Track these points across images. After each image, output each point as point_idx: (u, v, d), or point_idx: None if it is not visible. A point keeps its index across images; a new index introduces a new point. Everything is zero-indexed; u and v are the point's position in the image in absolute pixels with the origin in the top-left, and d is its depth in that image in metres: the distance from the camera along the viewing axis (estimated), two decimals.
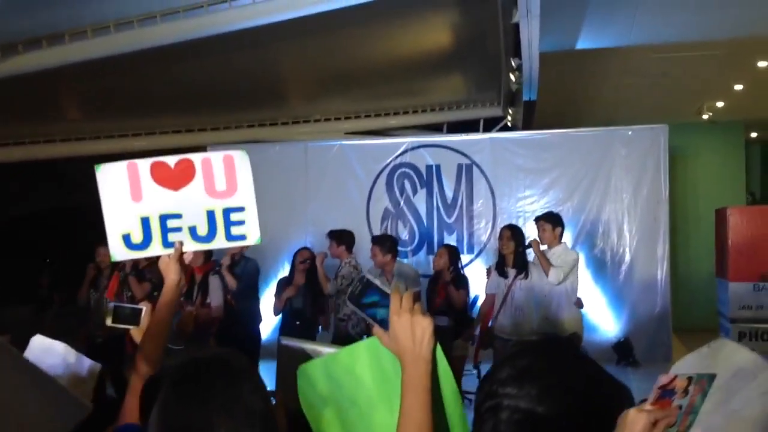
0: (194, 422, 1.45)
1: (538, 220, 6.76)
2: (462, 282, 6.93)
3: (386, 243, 7.34)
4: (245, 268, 7.42)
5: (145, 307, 2.49)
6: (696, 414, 1.68)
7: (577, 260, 6.53)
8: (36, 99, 9.48)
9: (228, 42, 7.50)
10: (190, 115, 11.28)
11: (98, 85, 9.39)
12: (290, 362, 2.66)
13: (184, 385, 1.51)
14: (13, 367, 1.72)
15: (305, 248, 7.62)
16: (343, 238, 7.35)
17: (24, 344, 2.65)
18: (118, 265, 7.48)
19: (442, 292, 6.79)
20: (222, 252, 7.52)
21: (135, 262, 7.29)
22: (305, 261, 7.33)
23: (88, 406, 1.88)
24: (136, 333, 2.48)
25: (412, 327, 1.50)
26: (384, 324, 1.58)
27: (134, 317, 2.49)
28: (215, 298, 6.90)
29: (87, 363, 2.75)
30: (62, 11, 6.87)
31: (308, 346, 2.61)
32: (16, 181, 12.87)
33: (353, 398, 1.73)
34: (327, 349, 2.62)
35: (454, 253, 7.13)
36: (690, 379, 1.68)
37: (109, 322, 2.49)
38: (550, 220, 6.63)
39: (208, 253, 7.08)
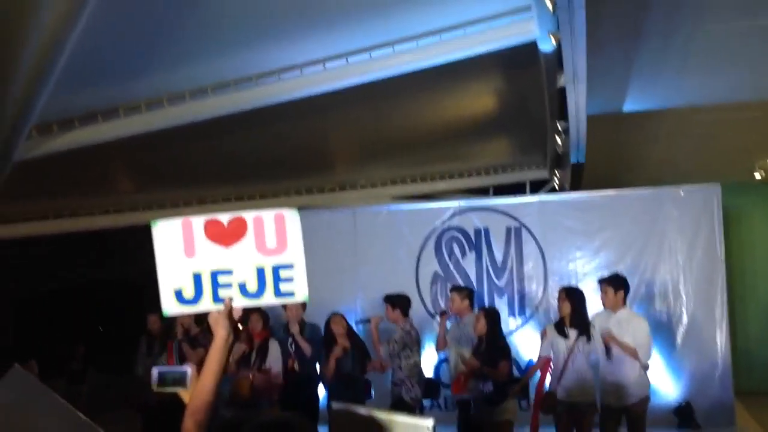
0: None
1: (601, 282, 6.61)
2: (503, 353, 6.75)
3: (463, 291, 7.40)
4: (311, 334, 7.45)
5: (190, 369, 2.49)
6: None
7: (649, 327, 6.38)
8: (90, 171, 9.74)
9: (276, 112, 7.65)
10: (240, 185, 11.47)
11: (151, 157, 9.63)
12: (342, 427, 2.63)
13: None
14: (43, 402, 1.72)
15: (338, 314, 7.57)
16: (398, 302, 7.35)
17: None
18: (170, 334, 7.58)
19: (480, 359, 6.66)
20: (278, 317, 7.59)
21: (186, 330, 7.38)
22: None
23: None
24: (186, 395, 2.47)
25: None
26: None
27: (181, 380, 2.48)
28: (275, 364, 6.91)
29: None
30: (116, 87, 7.11)
31: (361, 410, 2.59)
32: (62, 252, 13.13)
33: None
34: (381, 414, 2.59)
35: (492, 316, 6.91)
36: None
37: (154, 387, 2.49)
38: (612, 283, 6.48)
39: (266, 319, 7.15)
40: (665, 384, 8.95)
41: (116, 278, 14.40)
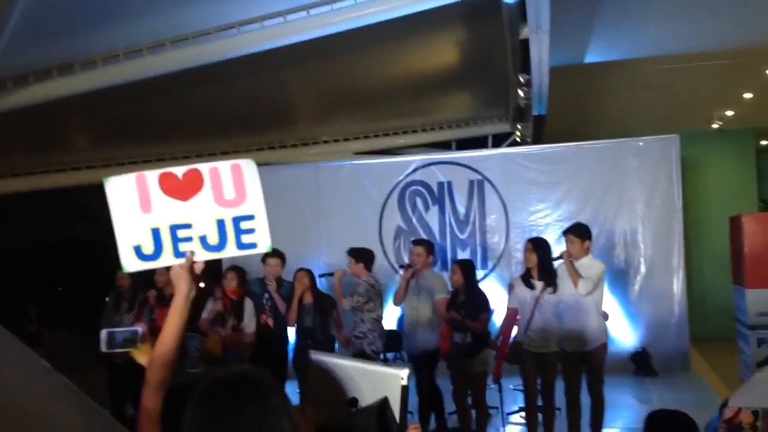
0: None
1: (566, 233, 6.67)
2: (480, 305, 6.82)
3: (427, 244, 7.39)
4: (288, 291, 7.43)
5: (141, 329, 2.47)
6: None
7: (604, 271, 6.47)
8: (46, 128, 9.54)
9: (236, 67, 7.53)
10: (200, 141, 11.33)
11: (108, 113, 9.44)
12: (320, 377, 2.65)
13: (215, 401, 1.52)
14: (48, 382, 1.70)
15: (302, 269, 7.59)
16: (361, 256, 7.35)
17: None
18: (140, 294, 7.54)
19: (461, 311, 6.71)
20: (252, 272, 7.56)
21: (160, 289, 7.33)
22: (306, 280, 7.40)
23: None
24: (139, 355, 2.46)
25: None
26: None
27: (131, 340, 2.46)
28: (250, 323, 6.88)
29: None
30: (72, 42, 6.91)
31: (338, 361, 2.61)
32: (20, 212, 12.90)
33: None
34: (353, 363, 2.61)
35: (467, 268, 6.98)
36: (756, 413, 1.65)
37: (104, 348, 2.46)
38: (579, 234, 6.54)
39: (242, 276, 7.12)
40: (623, 331, 9.17)
41: (78, 236, 14.19)
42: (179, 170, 2.37)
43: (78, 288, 13.21)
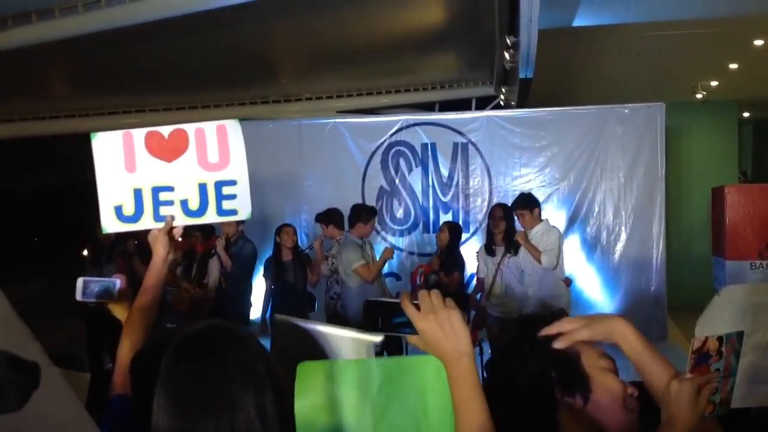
0: (214, 394, 1.40)
1: (515, 208, 6.71)
2: (455, 265, 6.88)
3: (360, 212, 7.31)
4: (242, 250, 7.34)
5: (119, 281, 2.42)
6: (734, 376, 1.66)
7: (560, 237, 6.50)
8: (25, 75, 9.34)
9: (220, 19, 7.39)
10: (181, 93, 11.16)
11: (88, 61, 9.26)
12: (284, 339, 2.59)
13: (198, 353, 1.46)
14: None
15: (288, 225, 7.57)
16: (331, 218, 7.33)
17: None
18: (120, 245, 7.47)
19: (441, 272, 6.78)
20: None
21: (139, 243, 7.27)
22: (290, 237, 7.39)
23: None
24: (116, 308, 2.42)
25: (441, 325, 1.45)
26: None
27: (108, 291, 2.41)
28: (213, 278, 6.87)
29: None
30: None
31: (302, 323, 2.54)
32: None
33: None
34: (322, 328, 2.55)
35: (454, 230, 7.07)
36: (720, 339, 1.65)
37: (79, 296, 2.41)
38: (525, 205, 6.60)
39: (210, 231, 7.06)
40: (601, 299, 9.21)
41: (56, 185, 14.03)
42: (165, 130, 2.33)
43: (56, 237, 13.08)
